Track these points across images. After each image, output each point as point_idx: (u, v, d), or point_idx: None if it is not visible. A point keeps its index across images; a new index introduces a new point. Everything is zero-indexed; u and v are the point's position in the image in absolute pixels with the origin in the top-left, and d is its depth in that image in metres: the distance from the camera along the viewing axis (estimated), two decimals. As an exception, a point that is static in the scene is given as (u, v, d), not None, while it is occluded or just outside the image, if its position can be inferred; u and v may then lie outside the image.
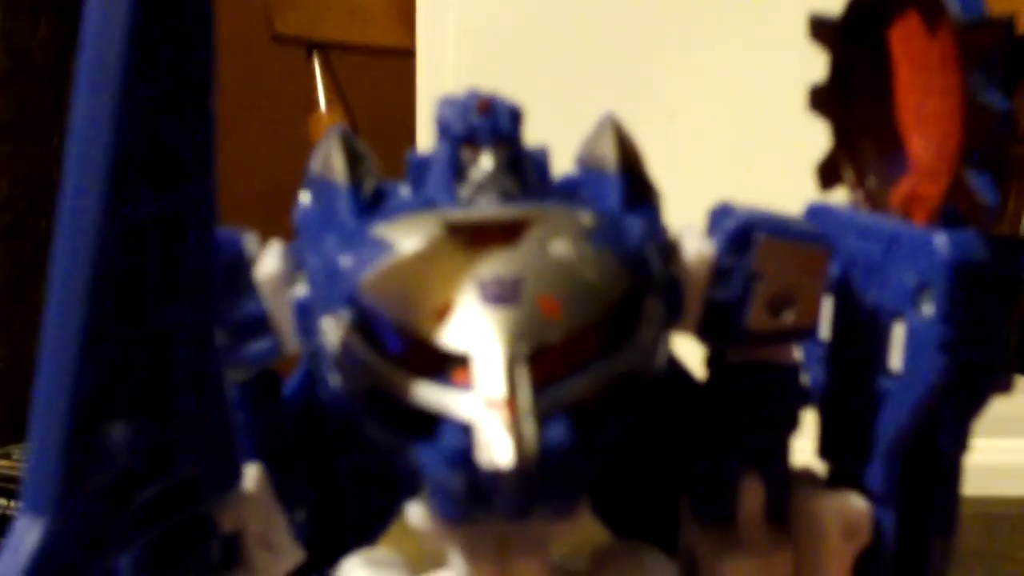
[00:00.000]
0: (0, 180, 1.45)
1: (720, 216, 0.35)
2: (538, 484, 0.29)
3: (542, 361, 0.30)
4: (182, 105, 0.28)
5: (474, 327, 0.30)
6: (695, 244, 0.35)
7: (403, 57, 1.02)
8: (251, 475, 0.34)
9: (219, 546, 0.33)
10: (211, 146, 0.29)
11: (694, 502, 0.38)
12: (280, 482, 0.35)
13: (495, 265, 0.31)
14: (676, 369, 0.37)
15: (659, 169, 0.36)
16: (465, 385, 0.30)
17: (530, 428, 0.29)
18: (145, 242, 0.28)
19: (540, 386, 0.29)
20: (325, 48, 1.15)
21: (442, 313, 0.30)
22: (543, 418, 0.29)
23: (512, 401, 0.29)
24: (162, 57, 0.27)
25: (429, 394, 0.30)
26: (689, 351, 0.37)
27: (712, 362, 0.37)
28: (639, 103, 0.85)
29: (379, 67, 1.18)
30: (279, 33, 1.17)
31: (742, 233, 0.35)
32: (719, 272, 0.35)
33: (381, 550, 0.36)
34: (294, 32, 1.16)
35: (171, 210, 0.29)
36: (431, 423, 0.30)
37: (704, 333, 0.35)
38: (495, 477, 0.28)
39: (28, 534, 0.27)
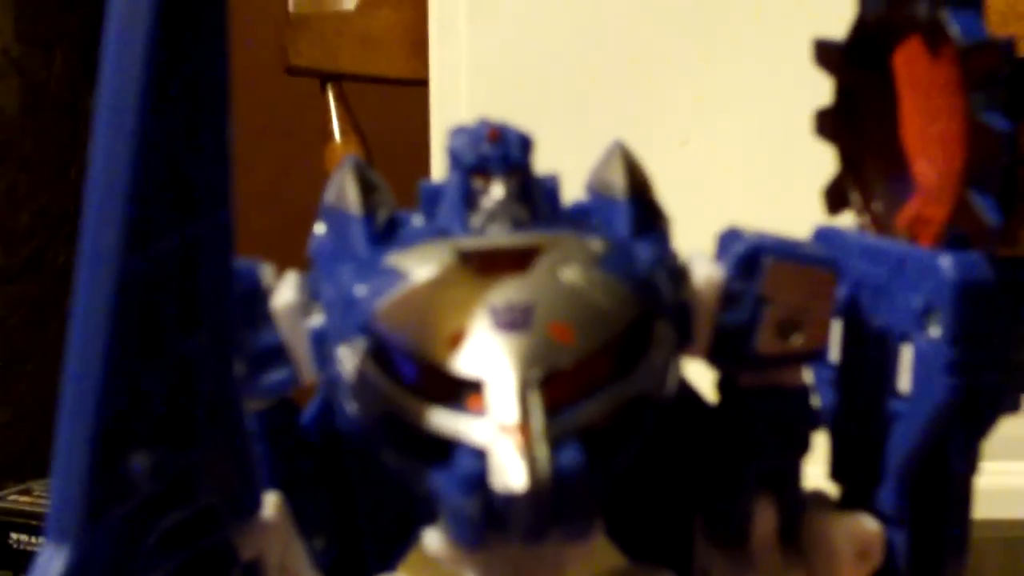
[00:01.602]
0: (19, 213, 1.46)
1: (728, 240, 0.36)
2: (552, 508, 0.29)
3: (554, 386, 0.30)
4: (199, 136, 0.29)
5: (487, 353, 0.30)
6: (704, 269, 0.35)
7: (416, 87, 1.03)
8: (270, 503, 0.34)
9: (240, 574, 0.33)
10: (229, 177, 0.30)
11: (708, 525, 0.38)
12: (299, 510, 0.35)
13: (507, 292, 0.31)
14: (688, 393, 0.38)
15: (669, 195, 0.36)
16: (479, 411, 0.30)
17: (543, 453, 0.29)
18: (164, 273, 0.29)
19: (552, 411, 0.30)
20: (339, 79, 1.16)
21: (455, 340, 0.31)
22: (556, 442, 0.29)
23: (525, 426, 0.29)
24: (179, 89, 0.28)
25: (443, 420, 0.30)
26: (701, 375, 0.37)
27: (723, 386, 0.37)
28: (650, 130, 0.86)
29: (393, 98, 1.19)
30: (293, 65, 1.18)
31: (750, 257, 0.35)
32: (728, 296, 0.35)
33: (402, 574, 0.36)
34: (308, 64, 1.17)
35: (190, 241, 0.29)
36: (446, 449, 0.30)
37: (714, 357, 0.36)
38: (509, 501, 0.29)
39: (52, 564, 0.28)
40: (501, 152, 0.34)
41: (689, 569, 0.38)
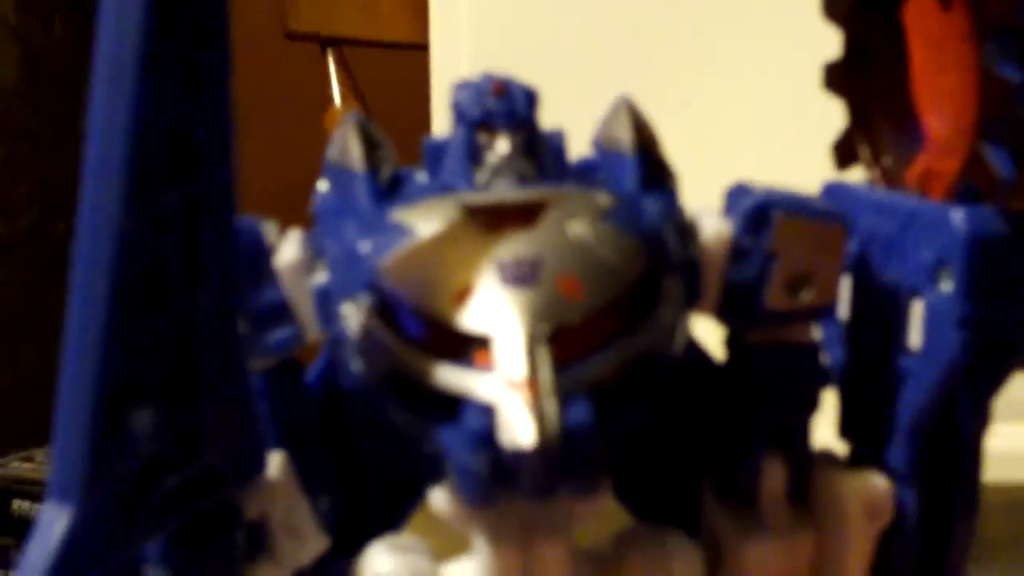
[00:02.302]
0: (18, 183, 1.46)
1: (737, 196, 0.35)
2: (560, 463, 0.29)
3: (562, 341, 0.30)
4: (200, 93, 0.29)
5: (494, 308, 0.30)
6: (712, 224, 0.35)
7: (417, 51, 1.03)
8: (275, 463, 0.34)
9: (244, 533, 0.33)
10: (229, 133, 0.30)
11: (716, 484, 0.38)
12: (304, 469, 0.35)
13: (513, 246, 0.31)
14: (696, 352, 0.37)
15: (676, 153, 0.36)
16: (486, 367, 0.30)
17: (551, 408, 0.29)
18: (166, 230, 0.29)
19: (561, 366, 0.30)
20: (339, 44, 1.15)
21: (462, 295, 0.30)
22: (564, 398, 0.29)
23: (533, 381, 0.29)
24: (178, 45, 0.28)
25: (450, 376, 0.30)
26: (709, 333, 0.37)
27: (731, 343, 0.37)
28: (654, 90, 0.85)
29: (393, 62, 1.18)
30: (293, 30, 1.17)
31: (759, 212, 0.35)
32: (737, 252, 0.35)
33: (405, 536, 0.36)
34: (308, 29, 1.17)
35: (191, 198, 0.29)
36: (453, 406, 0.30)
37: (723, 314, 0.35)
38: (518, 458, 0.28)
39: (56, 522, 0.27)
40: (506, 106, 0.34)
41: (697, 529, 0.38)
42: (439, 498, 0.32)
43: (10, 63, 1.47)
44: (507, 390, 0.29)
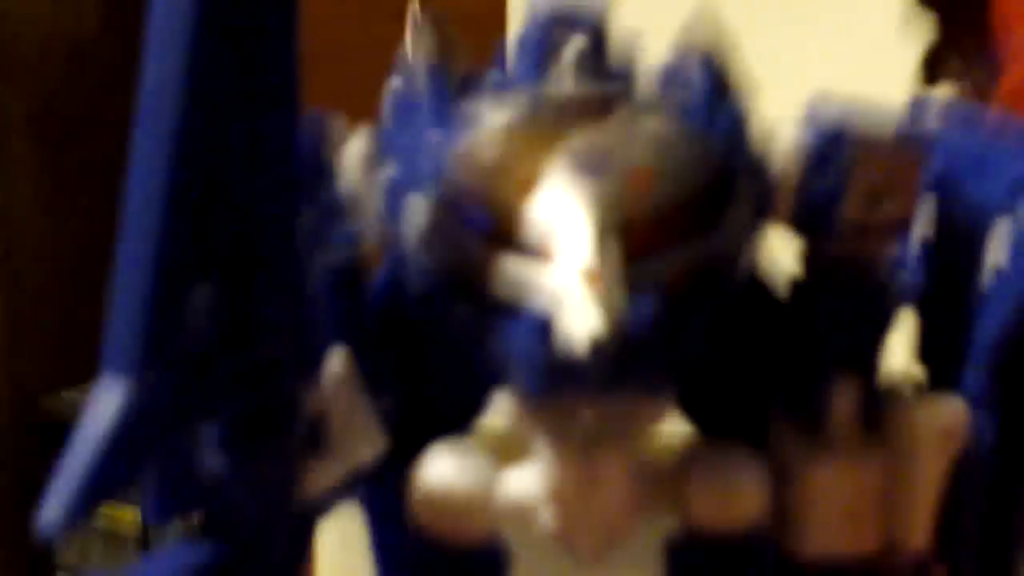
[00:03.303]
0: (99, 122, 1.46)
1: (813, 114, 0.34)
2: (623, 357, 0.28)
3: (631, 235, 0.29)
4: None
5: (562, 198, 0.29)
6: (788, 134, 0.34)
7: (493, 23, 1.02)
8: (335, 361, 0.34)
9: (303, 427, 0.32)
10: (294, 23, 0.29)
11: (786, 406, 0.37)
12: (365, 370, 0.34)
13: (584, 138, 0.30)
14: (767, 275, 0.37)
15: (758, 64, 0.35)
16: (552, 258, 0.29)
17: (617, 299, 0.28)
18: (228, 114, 0.28)
19: (629, 260, 0.29)
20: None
21: (528, 186, 0.30)
22: (631, 291, 0.28)
23: (600, 271, 0.28)
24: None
25: (516, 268, 0.30)
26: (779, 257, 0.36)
27: (806, 259, 0.36)
28: (764, 18, 0.83)
29: (469, 35, 1.17)
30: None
31: (836, 130, 0.34)
32: (813, 164, 0.34)
33: (467, 441, 0.36)
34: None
35: (254, 83, 0.29)
36: (518, 300, 0.29)
37: (798, 225, 0.34)
38: (581, 347, 0.28)
39: (109, 397, 0.27)
40: (578, 8, 0.33)
41: (764, 448, 0.37)
42: (502, 401, 0.32)
43: (91, 9, 1.49)
44: (573, 280, 0.28)
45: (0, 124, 1.41)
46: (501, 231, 0.30)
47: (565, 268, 0.29)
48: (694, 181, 0.30)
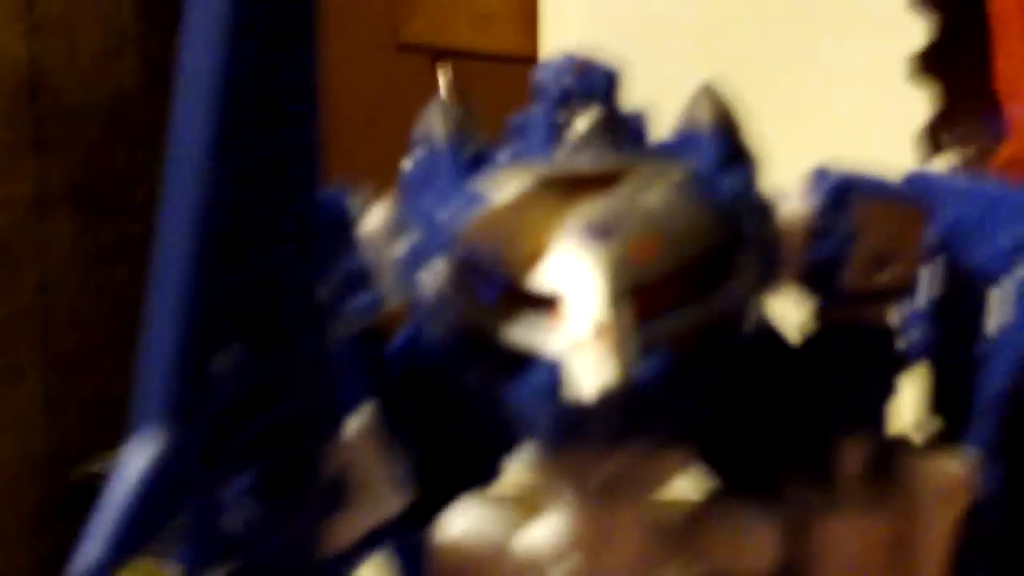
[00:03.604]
0: (137, 188, 1.49)
1: (818, 178, 0.36)
2: (632, 411, 0.29)
3: (638, 297, 0.30)
4: (286, 50, 0.30)
5: (573, 262, 0.31)
6: (792, 203, 0.35)
7: (527, 64, 1.03)
8: (356, 422, 0.35)
9: (326, 483, 0.34)
10: (314, 95, 0.31)
11: (796, 460, 0.38)
12: (389, 426, 0.36)
13: (590, 210, 0.32)
14: (774, 333, 0.38)
15: (764, 140, 0.36)
16: (559, 321, 0.30)
17: (627, 354, 0.29)
18: (251, 183, 0.30)
19: (636, 320, 0.30)
20: (450, 56, 1.17)
21: (535, 256, 0.31)
22: (638, 350, 0.30)
23: (609, 330, 0.29)
24: (265, 6, 0.29)
25: (523, 333, 0.31)
26: (788, 316, 0.37)
27: (811, 323, 0.37)
28: (765, 94, 0.84)
29: (503, 75, 1.19)
30: (405, 42, 1.19)
31: (839, 192, 0.35)
32: (816, 231, 0.35)
33: (487, 498, 0.37)
34: (419, 41, 1.18)
35: (275, 154, 0.30)
36: (526, 362, 0.31)
37: (805, 287, 0.36)
38: (588, 407, 0.29)
39: (140, 454, 0.29)
40: (586, 85, 0.34)
41: (776, 504, 0.38)
42: (518, 459, 0.33)
43: (130, 72, 1.51)
44: (580, 340, 0.30)
45: (40, 194, 1.44)
46: (514, 294, 0.31)
47: (576, 325, 0.30)
48: (699, 246, 0.32)
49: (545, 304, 0.31)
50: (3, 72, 1.40)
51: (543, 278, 0.31)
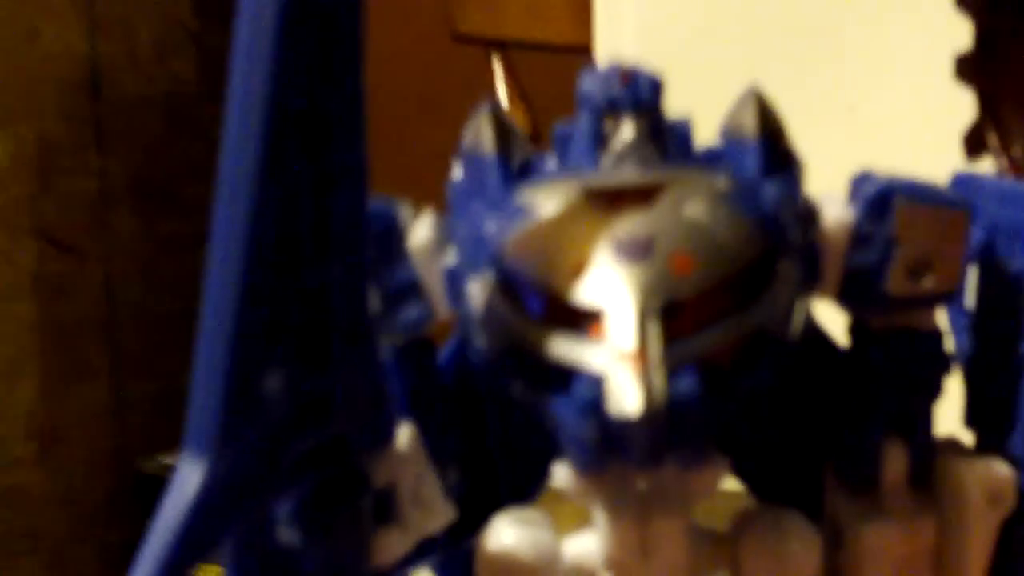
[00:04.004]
0: (196, 184, 1.50)
1: (861, 183, 0.36)
2: (667, 433, 0.30)
3: (673, 316, 0.31)
4: (333, 73, 0.30)
5: (607, 283, 0.31)
6: (834, 210, 0.35)
7: (582, 54, 1.04)
8: (404, 434, 0.35)
9: (371, 501, 0.34)
10: (361, 116, 0.31)
11: (838, 468, 0.38)
12: (433, 443, 0.36)
13: (629, 225, 0.32)
14: (819, 336, 0.38)
15: (807, 144, 0.36)
16: (599, 339, 0.31)
17: (659, 379, 0.30)
18: (299, 203, 0.30)
19: (671, 339, 0.30)
20: (505, 47, 1.17)
21: (577, 271, 0.32)
22: (672, 370, 0.30)
23: (642, 352, 0.30)
24: (312, 29, 0.29)
25: (564, 348, 0.31)
26: (833, 320, 0.38)
27: (854, 328, 0.37)
28: (812, 94, 0.85)
29: (558, 64, 1.20)
30: (460, 33, 1.19)
31: (881, 198, 0.35)
32: (858, 238, 0.35)
33: (531, 511, 0.37)
34: (474, 32, 1.18)
35: (323, 174, 0.31)
36: (568, 378, 0.31)
37: (844, 298, 0.36)
38: (625, 426, 0.30)
39: (190, 476, 0.29)
40: (631, 94, 0.35)
41: (819, 513, 0.38)
42: (560, 472, 0.33)
43: (189, 66, 1.53)
44: (617, 361, 0.30)
45: (104, 194, 1.46)
46: (552, 314, 0.32)
47: (610, 349, 0.30)
48: (735, 263, 0.32)
49: (587, 319, 0.31)
50: (65, 69, 1.42)
51: (584, 293, 0.31)
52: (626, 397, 0.29)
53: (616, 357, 0.30)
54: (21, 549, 1.26)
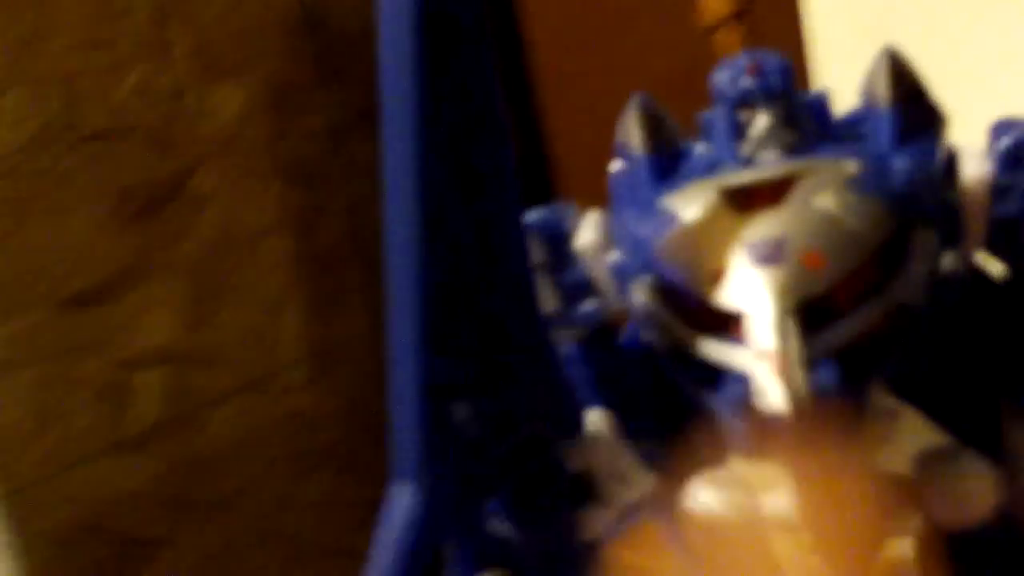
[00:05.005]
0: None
1: (999, 132, 0.37)
2: (817, 416, 0.32)
3: (810, 311, 0.33)
4: (477, 128, 0.33)
5: (745, 287, 0.34)
6: (973, 166, 0.37)
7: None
8: (593, 419, 0.39)
9: (571, 484, 0.38)
10: (509, 157, 0.34)
11: (1015, 404, 0.39)
12: (625, 420, 0.39)
13: (762, 228, 0.34)
14: (982, 278, 0.39)
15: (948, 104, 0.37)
16: (741, 339, 0.33)
17: (798, 376, 0.32)
18: (462, 246, 0.34)
19: (810, 333, 0.33)
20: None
21: (718, 276, 0.34)
22: (811, 364, 0.32)
23: (781, 352, 0.33)
24: (449, 91, 0.33)
25: (713, 349, 0.34)
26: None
27: (1011, 274, 0.38)
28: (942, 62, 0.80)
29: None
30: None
31: (1017, 150, 0.36)
32: (999, 190, 0.37)
33: (725, 472, 0.40)
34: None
35: (481, 217, 0.34)
36: (721, 373, 0.34)
37: (992, 248, 0.37)
38: (775, 419, 0.32)
39: (401, 499, 0.33)
40: (762, 84, 0.37)
41: (998, 449, 0.40)
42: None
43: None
44: (758, 361, 0.33)
45: (334, 124, 1.51)
46: (700, 315, 0.35)
47: (752, 350, 0.33)
48: (867, 249, 0.34)
49: (731, 321, 0.34)
50: (279, 13, 1.46)
51: (725, 297, 0.34)
52: (771, 394, 0.32)
53: (758, 357, 0.33)
54: (307, 467, 1.34)
